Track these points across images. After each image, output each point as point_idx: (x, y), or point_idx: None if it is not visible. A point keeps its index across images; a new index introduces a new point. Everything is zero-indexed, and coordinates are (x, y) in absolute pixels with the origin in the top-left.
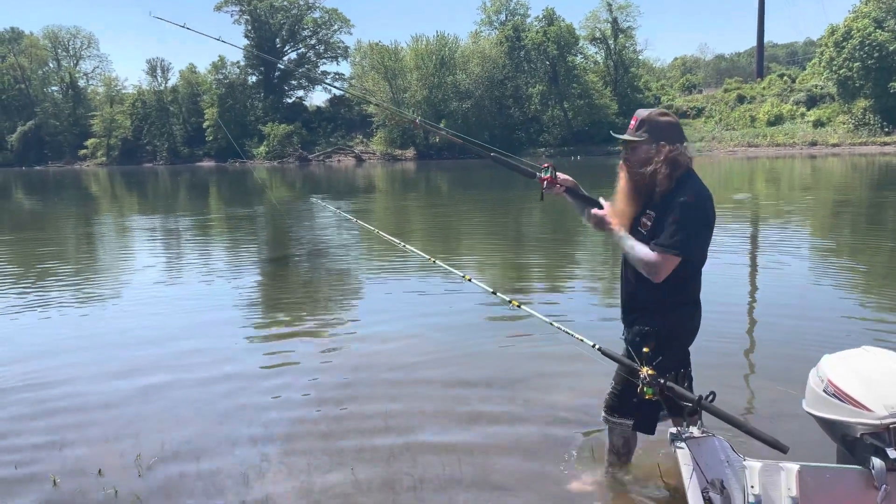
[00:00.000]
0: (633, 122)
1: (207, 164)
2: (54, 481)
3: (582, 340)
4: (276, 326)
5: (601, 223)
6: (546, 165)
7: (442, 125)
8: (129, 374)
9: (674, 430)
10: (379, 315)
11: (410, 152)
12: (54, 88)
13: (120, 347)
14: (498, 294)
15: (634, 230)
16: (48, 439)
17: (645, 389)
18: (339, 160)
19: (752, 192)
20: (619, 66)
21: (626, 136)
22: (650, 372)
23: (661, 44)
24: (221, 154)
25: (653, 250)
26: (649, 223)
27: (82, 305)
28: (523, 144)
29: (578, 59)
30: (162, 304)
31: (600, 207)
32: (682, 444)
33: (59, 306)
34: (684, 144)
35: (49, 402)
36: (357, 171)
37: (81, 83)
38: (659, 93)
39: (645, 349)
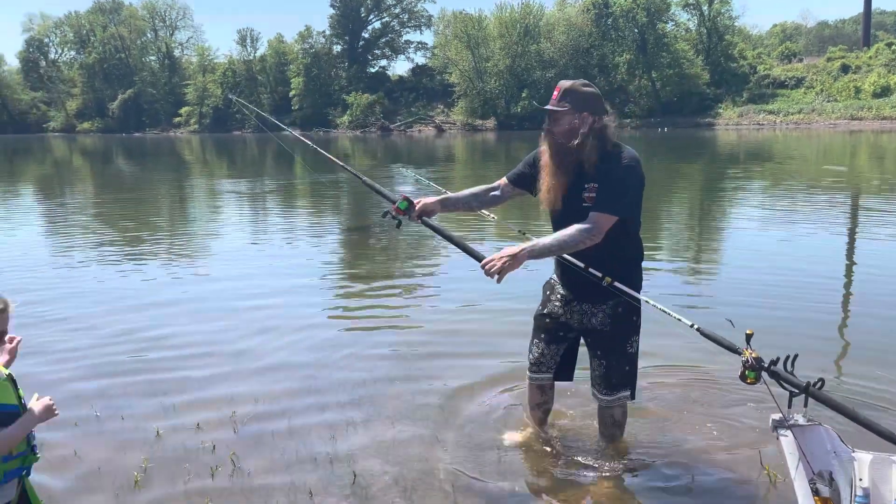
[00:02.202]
0: (555, 92)
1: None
2: (157, 432)
3: (680, 320)
4: (360, 291)
5: (515, 257)
6: (404, 197)
7: (524, 95)
8: (221, 333)
9: (777, 416)
10: (461, 283)
11: (491, 122)
12: (152, 58)
13: (213, 308)
14: (590, 270)
15: (578, 206)
16: (150, 393)
17: (746, 373)
18: (419, 130)
19: (853, 168)
20: (713, 34)
21: (548, 107)
22: (754, 355)
23: (759, 9)
24: (306, 122)
25: (590, 213)
26: (593, 195)
27: (175, 266)
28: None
29: (669, 26)
30: (251, 266)
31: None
32: (787, 433)
33: (152, 265)
34: (609, 116)
35: (149, 358)
36: (437, 142)
37: (176, 53)
38: (755, 62)
39: (633, 316)
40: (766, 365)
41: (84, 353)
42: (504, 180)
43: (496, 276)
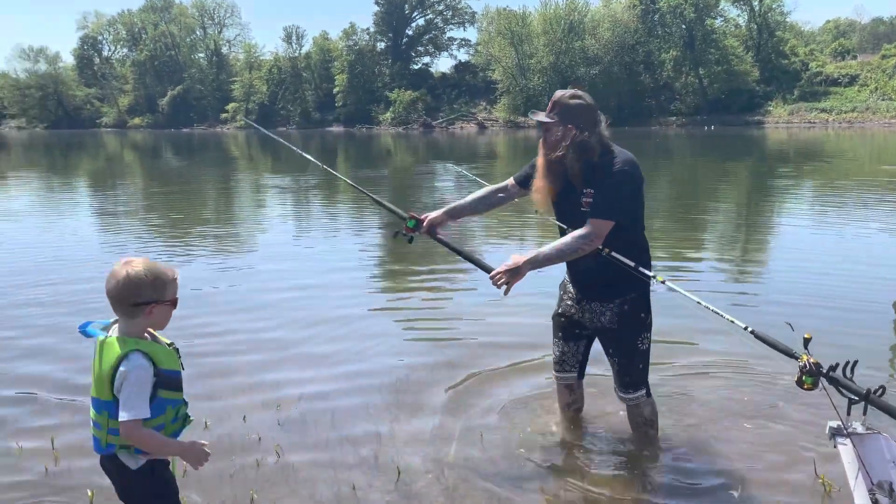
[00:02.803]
0: (549, 103)
1: (336, 129)
2: (206, 424)
3: (733, 322)
4: (401, 286)
5: (518, 272)
6: (411, 216)
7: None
8: (265, 325)
9: (834, 424)
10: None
11: (533, 120)
12: (200, 55)
13: (257, 300)
14: (640, 269)
15: (577, 211)
16: (197, 384)
17: (804, 378)
18: (461, 127)
19: None
20: (764, 30)
21: (538, 118)
22: (813, 360)
23: (811, 5)
24: (350, 119)
25: (588, 220)
26: (590, 200)
27: (220, 258)
28: (653, 113)
29: (718, 22)
30: (294, 259)
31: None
32: (846, 441)
33: (198, 257)
34: (599, 128)
35: (194, 349)
36: (479, 139)
37: (224, 50)
38: (807, 58)
39: (641, 314)
40: (824, 370)
41: None
42: (511, 181)
43: (504, 288)
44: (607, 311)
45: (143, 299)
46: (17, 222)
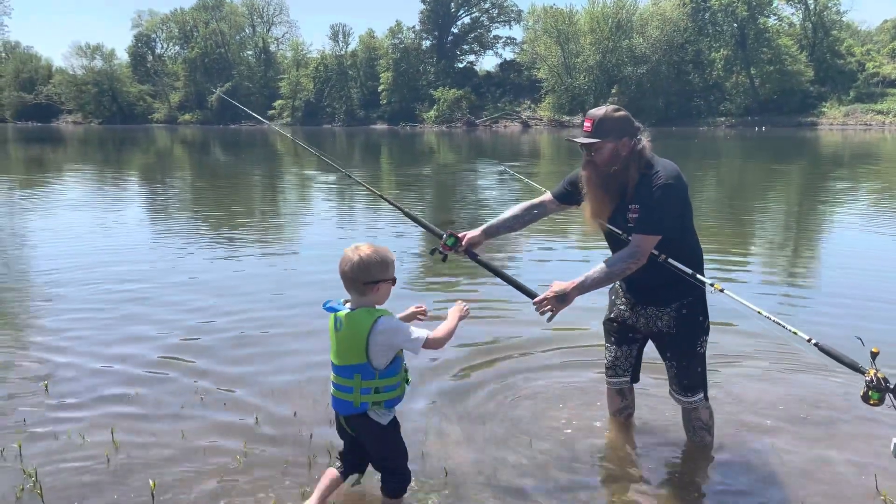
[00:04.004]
0: (587, 123)
1: (381, 126)
2: (256, 419)
3: (796, 333)
4: (446, 284)
5: (565, 299)
6: (450, 233)
7: (613, 91)
8: (312, 319)
9: None
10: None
11: (578, 119)
12: (249, 53)
13: (306, 296)
14: (697, 276)
15: (625, 227)
16: (248, 380)
17: (870, 394)
18: (505, 125)
19: None
20: (819, 29)
21: (590, 140)
22: (880, 375)
23: (868, 4)
24: (394, 117)
25: (632, 235)
26: (636, 216)
27: (267, 250)
28: (702, 113)
29: (771, 20)
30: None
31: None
32: None
33: (246, 252)
34: (642, 133)
35: (244, 343)
36: (522, 137)
37: (272, 48)
38: (863, 59)
39: (699, 317)
40: (892, 386)
41: (186, 335)
42: (549, 196)
43: (548, 315)
44: (664, 316)
45: (372, 278)
46: (76, 211)
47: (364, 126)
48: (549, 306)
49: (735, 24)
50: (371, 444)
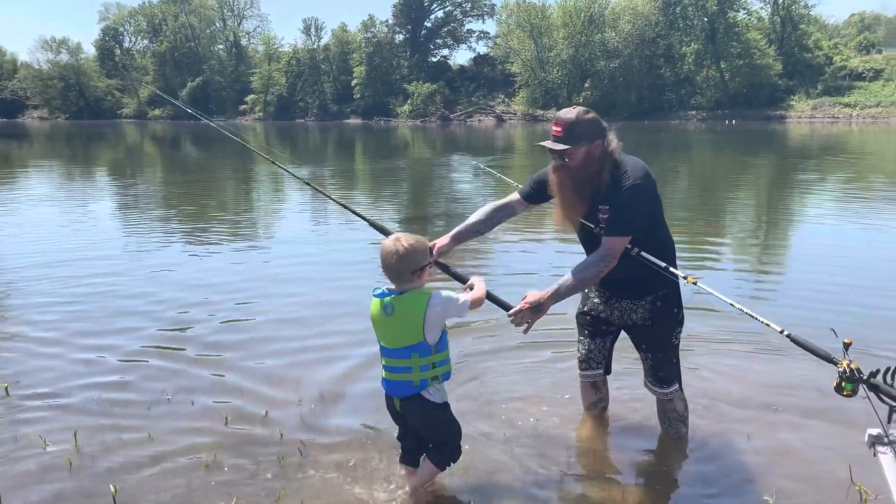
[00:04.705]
0: (558, 128)
1: (354, 121)
2: (226, 419)
3: (768, 325)
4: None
5: (540, 309)
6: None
7: (587, 85)
8: (285, 319)
9: (874, 432)
10: (515, 278)
11: (552, 113)
12: (220, 47)
13: (276, 294)
14: (670, 269)
15: (595, 225)
16: (218, 378)
17: (843, 385)
18: (479, 120)
19: None
20: (787, 23)
21: (563, 146)
22: (853, 366)
23: None
24: (368, 112)
25: (602, 238)
26: (606, 216)
27: (241, 250)
28: (673, 107)
29: (741, 14)
30: (314, 254)
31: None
32: (887, 451)
33: (217, 248)
34: (610, 132)
35: (216, 341)
36: (497, 132)
37: (243, 42)
38: (831, 52)
39: (674, 309)
40: (864, 377)
41: (152, 334)
42: (517, 196)
43: (524, 328)
44: (639, 309)
45: (418, 266)
46: (42, 208)
47: (337, 120)
48: (525, 317)
49: (705, 19)
50: (425, 425)
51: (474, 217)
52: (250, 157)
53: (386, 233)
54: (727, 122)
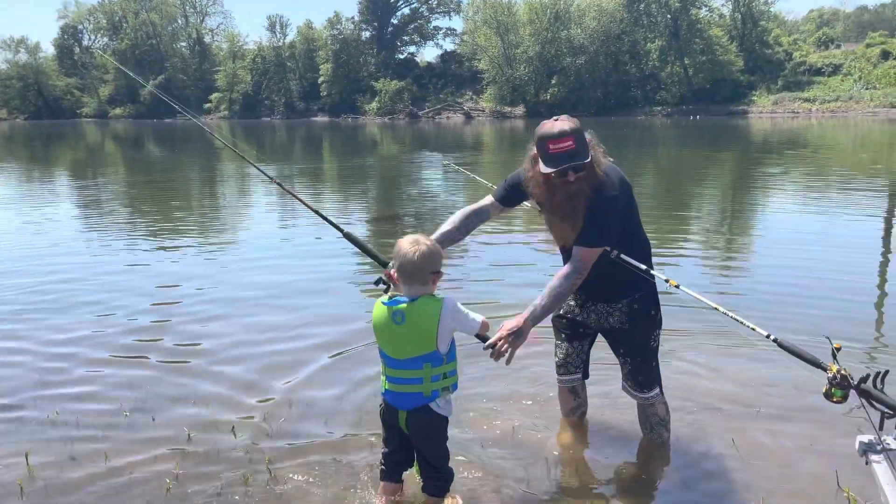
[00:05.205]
0: (569, 141)
1: (321, 119)
2: (188, 435)
3: (754, 329)
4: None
5: (521, 334)
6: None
7: (553, 82)
8: (249, 327)
9: (865, 439)
10: (489, 285)
11: (520, 110)
12: (182, 44)
13: (242, 299)
14: (652, 272)
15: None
16: (180, 389)
17: (833, 391)
18: (447, 117)
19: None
20: (748, 20)
21: (582, 161)
22: (843, 372)
23: None
24: (335, 109)
25: (574, 248)
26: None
27: (205, 254)
28: (639, 103)
29: (703, 12)
30: (282, 258)
31: None
32: (879, 459)
33: (180, 252)
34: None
35: (176, 350)
36: (465, 129)
37: (207, 39)
38: (790, 48)
39: (651, 311)
40: (855, 383)
41: (109, 342)
42: (491, 200)
43: (506, 357)
44: (616, 312)
45: (437, 267)
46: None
47: (304, 118)
48: (505, 346)
49: (668, 16)
50: (428, 440)
51: (448, 225)
52: (216, 155)
53: (373, 255)
54: (691, 117)
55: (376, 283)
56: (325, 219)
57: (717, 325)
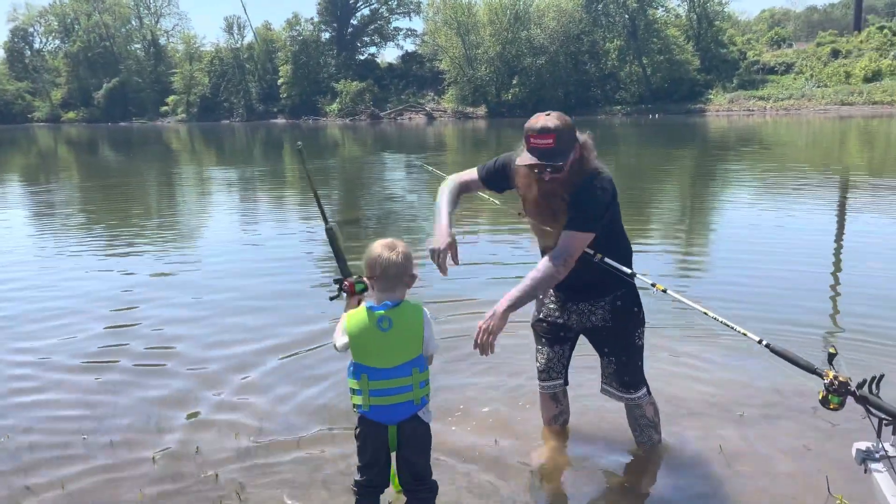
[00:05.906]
0: (549, 139)
1: (281, 121)
2: (153, 458)
3: (746, 335)
4: None
5: (494, 315)
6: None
7: (514, 82)
8: (215, 340)
9: (863, 446)
10: (452, 287)
11: (482, 110)
12: (137, 46)
13: (206, 309)
14: (639, 276)
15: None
16: (145, 413)
17: (829, 398)
18: (410, 118)
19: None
20: (703, 20)
21: (560, 162)
22: (841, 378)
23: None
24: (295, 111)
25: (563, 233)
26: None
27: (167, 262)
28: (599, 102)
29: (659, 12)
30: (245, 264)
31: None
32: (879, 466)
33: (141, 260)
34: (582, 136)
35: (137, 367)
36: (428, 129)
37: (162, 41)
38: (744, 48)
39: (634, 308)
40: (853, 389)
41: (64, 359)
42: (476, 177)
43: (490, 347)
44: (598, 310)
45: (413, 269)
46: None
47: (264, 121)
48: (483, 336)
49: (626, 16)
50: (418, 449)
51: (449, 204)
52: (173, 159)
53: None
54: (650, 116)
55: (339, 287)
56: (319, 207)
57: (696, 324)
